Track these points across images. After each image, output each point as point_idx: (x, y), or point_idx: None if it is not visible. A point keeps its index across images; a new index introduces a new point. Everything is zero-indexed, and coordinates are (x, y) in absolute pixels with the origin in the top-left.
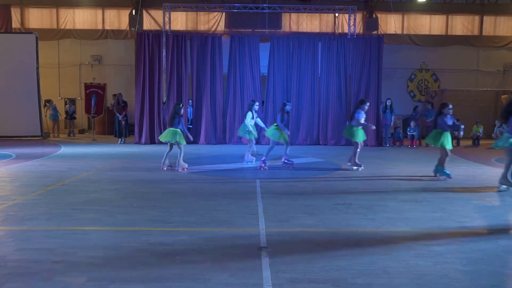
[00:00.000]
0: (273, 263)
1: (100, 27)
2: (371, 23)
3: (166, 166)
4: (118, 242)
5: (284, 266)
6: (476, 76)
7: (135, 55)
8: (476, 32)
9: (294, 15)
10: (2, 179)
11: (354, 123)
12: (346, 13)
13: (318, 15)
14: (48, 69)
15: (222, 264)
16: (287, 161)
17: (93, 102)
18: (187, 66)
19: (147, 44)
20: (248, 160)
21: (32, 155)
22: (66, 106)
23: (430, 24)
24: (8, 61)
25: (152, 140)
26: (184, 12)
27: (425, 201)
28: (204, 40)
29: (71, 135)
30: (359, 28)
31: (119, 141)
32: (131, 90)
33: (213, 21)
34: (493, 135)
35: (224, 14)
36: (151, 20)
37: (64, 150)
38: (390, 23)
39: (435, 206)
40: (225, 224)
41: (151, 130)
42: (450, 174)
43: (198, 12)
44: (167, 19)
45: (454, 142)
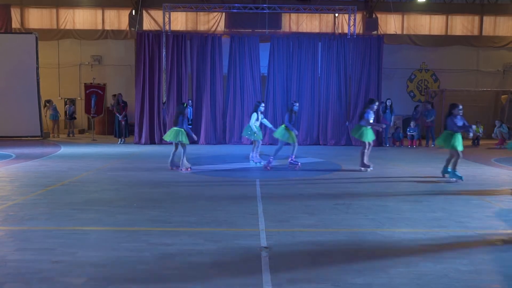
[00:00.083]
0: (273, 263)
1: (100, 27)
2: (371, 23)
3: (173, 166)
4: (118, 242)
5: (284, 266)
6: (476, 76)
7: (135, 55)
8: (476, 32)
9: (294, 15)
10: (2, 179)
11: (363, 123)
12: (346, 13)
13: (318, 15)
14: (48, 69)
15: (222, 264)
16: (294, 161)
17: (93, 102)
18: (187, 66)
19: (147, 44)
20: (257, 161)
21: (32, 155)
22: (66, 107)
23: (430, 24)
24: (8, 61)
25: (152, 140)
26: (184, 12)
27: (425, 201)
28: (204, 40)
29: (71, 135)
30: (359, 28)
31: (119, 141)
32: (131, 90)
33: (213, 21)
34: (493, 135)
35: (224, 14)
36: (151, 20)
37: (64, 150)
38: (390, 23)
39: (435, 206)
40: (225, 224)
41: (151, 130)
42: (462, 177)
43: (198, 12)
44: (167, 19)
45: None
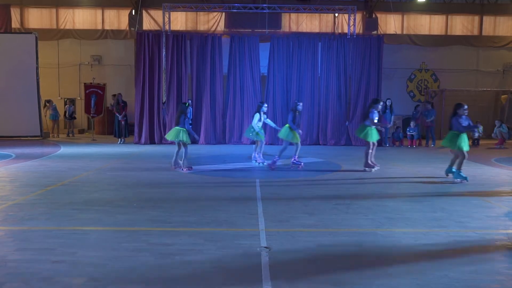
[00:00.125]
0: (272, 263)
1: (99, 27)
2: (371, 23)
3: (176, 166)
4: (118, 242)
5: (284, 266)
6: (476, 76)
7: (135, 55)
8: (475, 32)
9: (294, 15)
10: (2, 179)
11: (367, 123)
12: (346, 13)
13: (318, 15)
14: (48, 69)
15: (221, 264)
16: (297, 162)
17: (92, 102)
18: (187, 66)
19: (147, 44)
20: (260, 161)
21: (31, 155)
22: (66, 107)
23: (430, 24)
24: (8, 61)
25: (151, 140)
26: (183, 12)
27: (425, 201)
28: (204, 40)
29: (70, 135)
30: (359, 28)
31: (119, 141)
32: (130, 90)
33: (212, 21)
34: (492, 135)
35: (223, 14)
36: (150, 20)
37: (64, 150)
38: (390, 23)
39: (435, 206)
40: (225, 224)
41: (151, 130)
42: (467, 178)
43: (198, 12)
44: (166, 19)
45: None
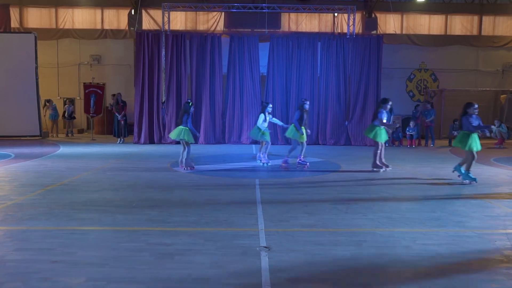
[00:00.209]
0: (272, 263)
1: (99, 26)
2: (370, 23)
3: (183, 165)
4: (117, 242)
5: (284, 266)
6: (475, 76)
7: (134, 55)
8: (475, 32)
9: (293, 15)
10: (1, 179)
11: (376, 123)
12: (345, 13)
13: (317, 15)
14: (47, 69)
15: (221, 264)
16: (302, 162)
17: (92, 102)
18: (187, 66)
19: (146, 44)
20: (264, 161)
21: (31, 155)
22: (65, 106)
23: (429, 24)
24: (7, 61)
25: (151, 140)
26: (183, 12)
27: (424, 200)
28: (203, 40)
29: (70, 135)
30: (358, 28)
31: (118, 141)
32: (130, 90)
33: (212, 21)
34: (492, 135)
35: (223, 14)
36: (150, 20)
37: (63, 150)
38: (389, 23)
39: (435, 206)
40: (224, 224)
41: (150, 130)
42: (476, 179)
43: (197, 12)
44: (166, 19)
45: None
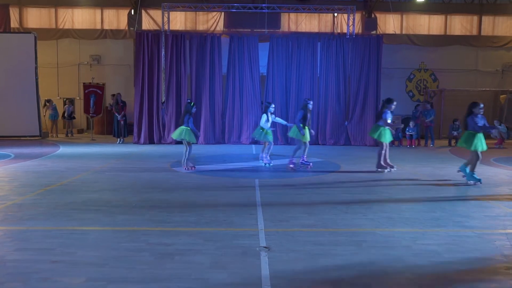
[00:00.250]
0: (272, 263)
1: (99, 26)
2: (370, 23)
3: (186, 166)
4: (117, 242)
5: (283, 266)
6: (475, 76)
7: (134, 55)
8: (474, 32)
9: (293, 15)
10: (1, 179)
11: (381, 123)
12: (345, 13)
13: (317, 15)
14: (47, 69)
15: (221, 264)
16: (305, 162)
17: (92, 102)
18: (186, 66)
19: (146, 44)
20: (266, 162)
21: (30, 155)
22: (65, 107)
23: (429, 24)
24: (7, 61)
25: (151, 140)
26: (183, 12)
27: (424, 200)
28: (203, 40)
29: (69, 135)
30: (358, 28)
31: (118, 141)
32: (130, 90)
33: (212, 21)
34: (491, 135)
35: (223, 14)
36: (150, 20)
37: (63, 150)
38: (389, 23)
39: (434, 206)
40: (224, 224)
41: (150, 130)
42: (481, 180)
43: (197, 12)
44: (166, 19)
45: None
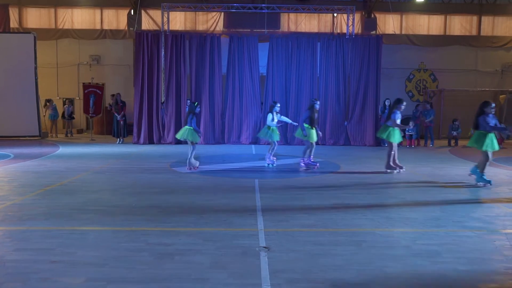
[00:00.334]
0: (271, 263)
1: (98, 27)
2: (369, 23)
3: (188, 166)
4: (117, 242)
5: (283, 266)
6: (475, 76)
7: (134, 55)
8: (474, 32)
9: (292, 15)
10: (1, 179)
11: (390, 124)
12: (344, 13)
13: (316, 15)
14: (47, 69)
15: (220, 264)
16: (312, 162)
17: (91, 102)
18: (186, 66)
19: (146, 44)
20: (269, 162)
21: (30, 155)
22: (65, 107)
23: (429, 24)
24: (6, 61)
25: (150, 140)
26: (182, 12)
27: (424, 200)
28: (202, 40)
29: (69, 135)
30: (357, 28)
31: (118, 141)
32: (129, 90)
33: (211, 21)
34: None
35: (222, 14)
36: (149, 20)
37: (63, 150)
38: (389, 23)
39: (434, 206)
40: (223, 224)
41: (150, 130)
42: (491, 181)
43: (197, 12)
44: (165, 19)
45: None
